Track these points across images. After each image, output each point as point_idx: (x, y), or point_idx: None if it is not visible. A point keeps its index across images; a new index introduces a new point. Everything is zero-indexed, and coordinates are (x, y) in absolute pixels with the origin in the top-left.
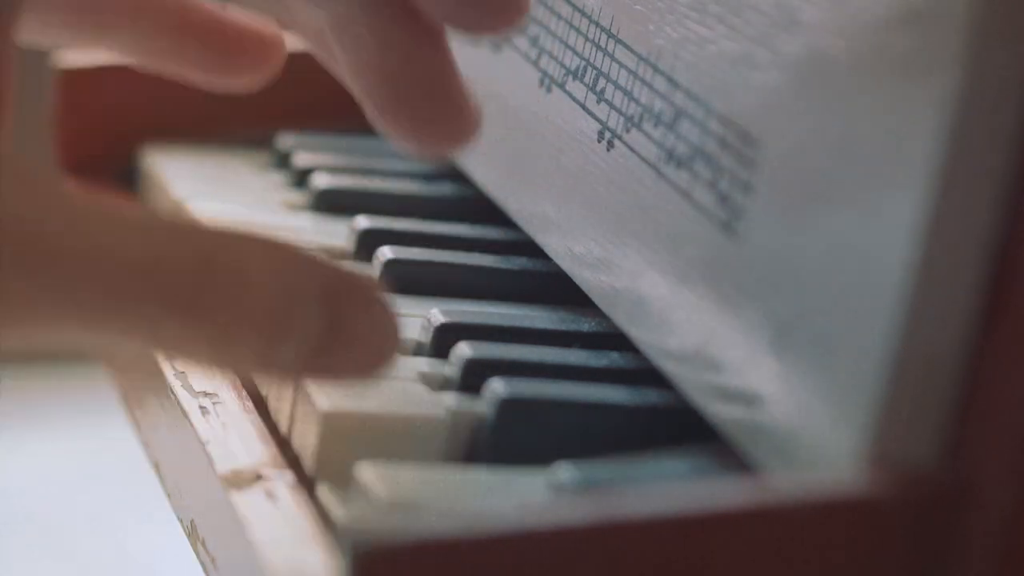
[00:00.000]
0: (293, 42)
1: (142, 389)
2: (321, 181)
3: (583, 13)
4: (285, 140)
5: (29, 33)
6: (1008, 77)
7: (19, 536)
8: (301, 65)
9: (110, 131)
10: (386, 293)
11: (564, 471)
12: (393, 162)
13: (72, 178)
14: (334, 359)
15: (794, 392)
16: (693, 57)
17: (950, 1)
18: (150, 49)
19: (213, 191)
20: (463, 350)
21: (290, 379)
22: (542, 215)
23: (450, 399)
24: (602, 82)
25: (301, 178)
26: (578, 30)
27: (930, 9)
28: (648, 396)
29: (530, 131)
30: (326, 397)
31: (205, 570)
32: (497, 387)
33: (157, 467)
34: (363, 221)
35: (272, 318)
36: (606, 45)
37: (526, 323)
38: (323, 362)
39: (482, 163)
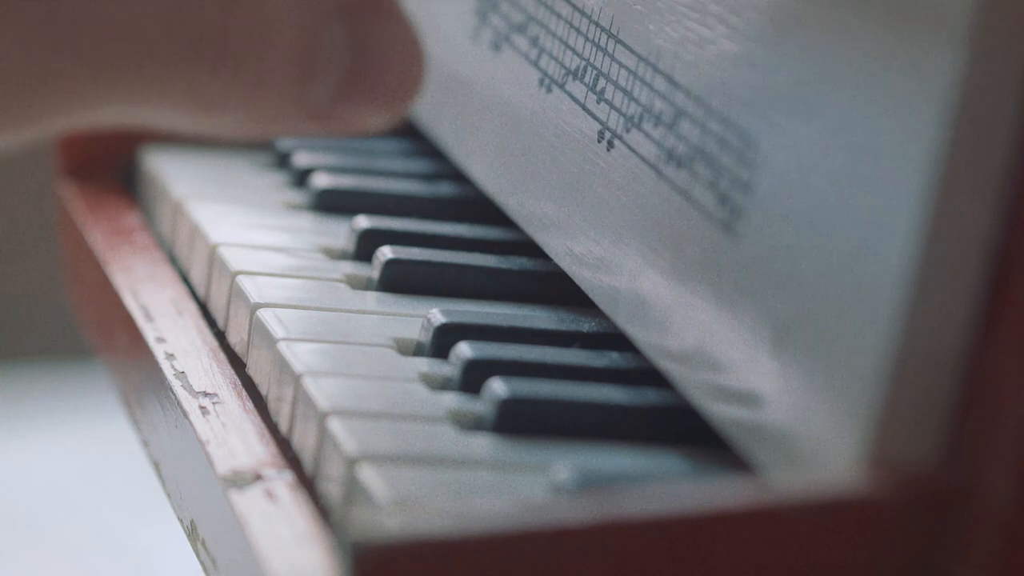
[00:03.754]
0: None
1: (142, 389)
2: (321, 181)
3: (583, 13)
4: (285, 140)
5: None
6: (1008, 77)
7: (19, 536)
8: None
9: (110, 131)
10: (403, 7)
11: (564, 471)
12: (393, 162)
13: (73, 180)
14: (364, 85)
15: (794, 392)
16: (693, 57)
17: (950, 1)
18: None
19: (213, 191)
20: (463, 350)
21: (325, 120)
22: (542, 215)
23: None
24: (602, 82)
25: (301, 178)
26: (578, 30)
27: (930, 9)
28: (648, 396)
29: (530, 131)
30: (326, 398)
31: (205, 570)
32: (497, 387)
33: (157, 467)
34: (363, 221)
35: (299, 51)
36: (606, 45)
37: (526, 323)
38: (353, 92)
39: (482, 163)
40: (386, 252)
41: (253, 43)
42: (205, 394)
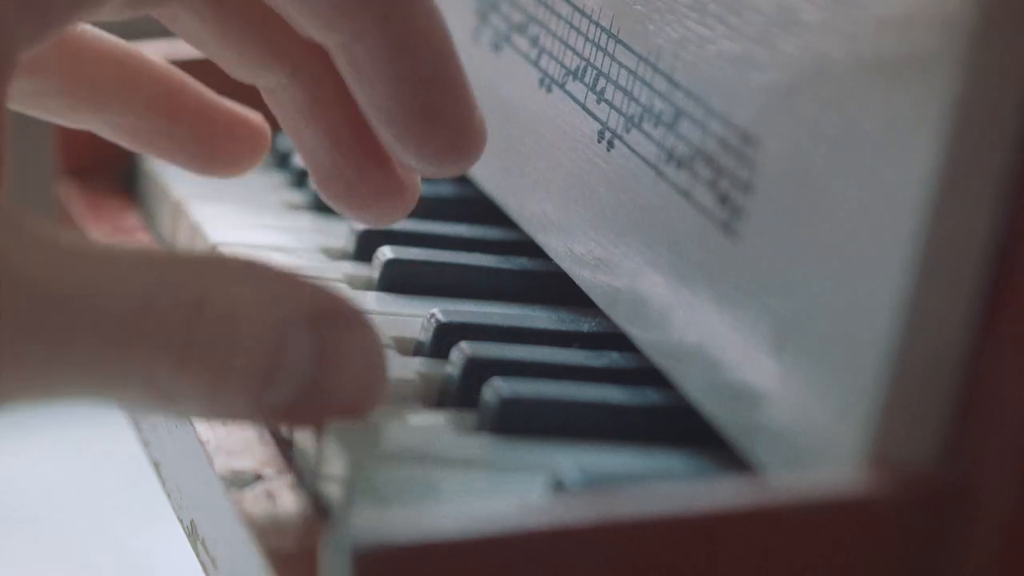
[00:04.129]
0: None
1: None
2: None
3: (583, 13)
4: (285, 140)
5: (28, 104)
6: (1008, 77)
7: (19, 536)
8: None
9: None
10: (371, 320)
11: (564, 471)
12: None
13: (73, 180)
14: (325, 393)
15: (794, 392)
16: (693, 57)
17: (950, 1)
18: (142, 130)
19: (213, 191)
20: (463, 350)
21: (283, 420)
22: (542, 215)
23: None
24: (602, 82)
25: (301, 178)
26: (578, 30)
27: (930, 9)
28: (648, 396)
29: (530, 131)
30: None
31: (205, 570)
32: (497, 387)
33: (157, 467)
34: None
35: (264, 356)
36: (606, 45)
37: (526, 323)
38: (314, 398)
39: (482, 163)
40: (386, 252)
41: (219, 344)
42: None
